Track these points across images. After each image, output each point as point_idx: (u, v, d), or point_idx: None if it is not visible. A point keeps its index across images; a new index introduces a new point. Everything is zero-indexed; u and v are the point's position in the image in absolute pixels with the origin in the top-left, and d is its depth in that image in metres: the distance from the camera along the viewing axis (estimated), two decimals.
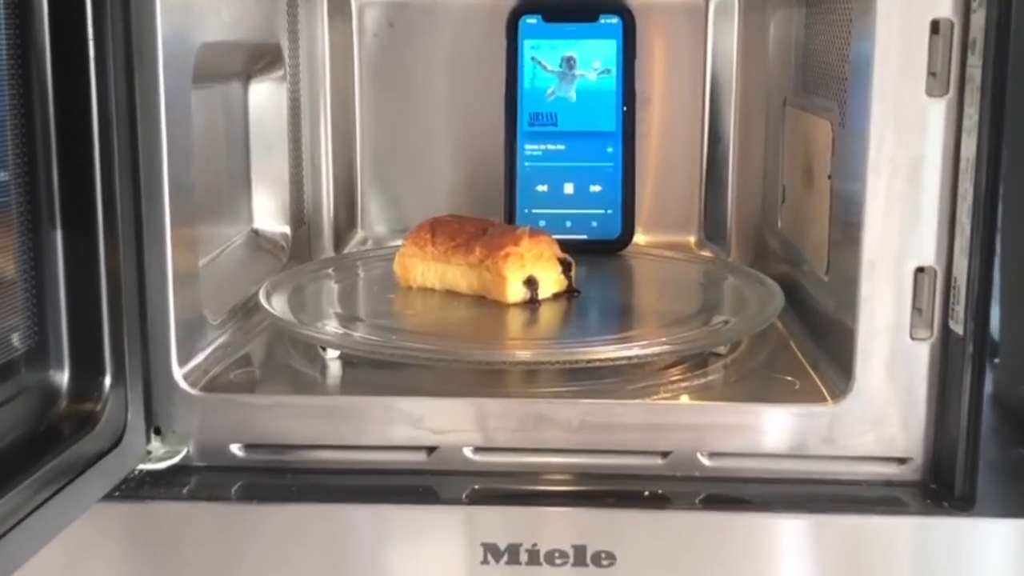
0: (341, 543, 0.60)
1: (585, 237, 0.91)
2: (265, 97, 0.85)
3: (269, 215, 0.87)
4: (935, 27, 0.56)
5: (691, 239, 0.97)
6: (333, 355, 0.68)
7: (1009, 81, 0.54)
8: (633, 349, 0.64)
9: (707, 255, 0.95)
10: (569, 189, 0.91)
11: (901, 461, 0.61)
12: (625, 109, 0.91)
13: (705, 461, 0.61)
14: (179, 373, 0.62)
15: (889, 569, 0.58)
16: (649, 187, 0.96)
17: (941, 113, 0.57)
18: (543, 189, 0.91)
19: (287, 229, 0.87)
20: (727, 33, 0.94)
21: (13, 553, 0.48)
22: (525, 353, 0.66)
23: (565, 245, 0.78)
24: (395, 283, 0.80)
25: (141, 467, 0.61)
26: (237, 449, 0.62)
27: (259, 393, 0.65)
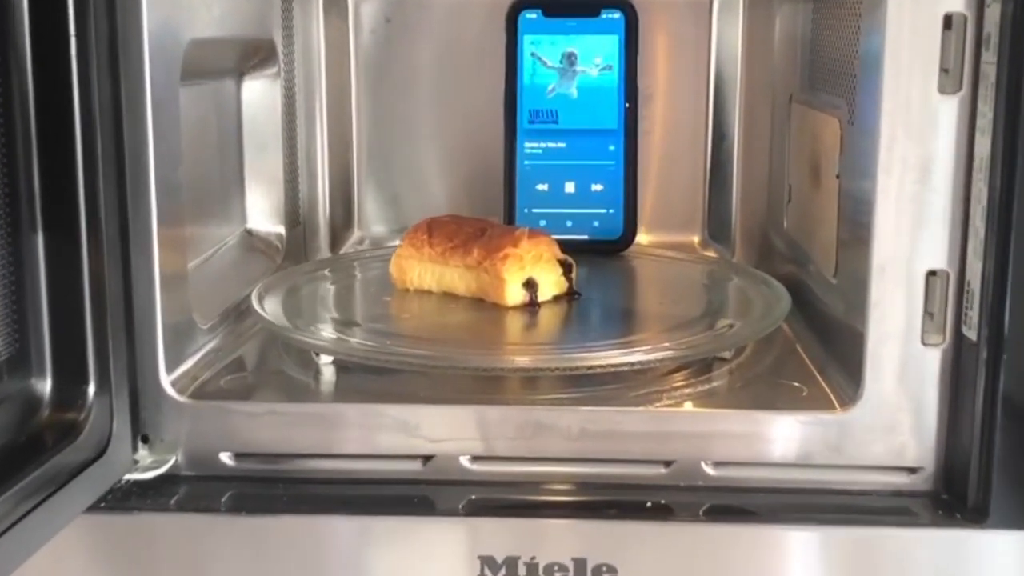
0: (334, 556, 0.59)
1: (586, 237, 0.90)
2: (259, 94, 0.85)
3: (263, 215, 0.86)
4: (948, 22, 0.55)
5: (695, 239, 0.97)
6: (327, 360, 0.67)
7: None
8: (636, 355, 0.63)
9: (711, 255, 0.95)
10: (570, 188, 0.90)
11: (912, 471, 0.60)
12: (627, 106, 0.89)
13: (709, 470, 0.60)
14: (167, 380, 0.61)
15: None
16: (652, 186, 0.95)
17: (954, 111, 0.56)
18: (543, 188, 0.90)
19: (282, 229, 0.87)
20: (732, 28, 0.93)
21: None
22: (524, 359, 0.65)
23: (566, 245, 0.78)
24: (391, 285, 0.79)
25: (128, 477, 0.60)
26: (227, 458, 0.62)
27: (250, 400, 0.64)
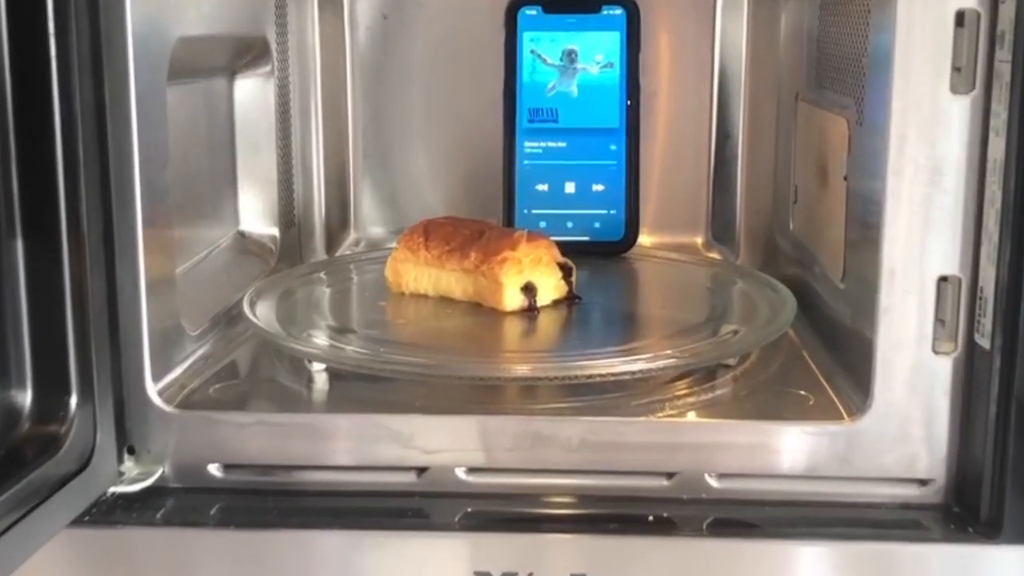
0: (325, 571, 0.57)
1: (587, 238, 0.89)
2: (252, 93, 0.84)
3: (256, 216, 0.85)
4: (960, 19, 0.54)
5: (698, 240, 0.96)
6: (320, 367, 0.65)
7: None
8: (637, 363, 0.62)
9: (715, 257, 0.94)
10: (570, 188, 0.89)
11: (922, 483, 0.59)
12: (629, 104, 0.88)
13: (713, 483, 0.59)
14: (153, 389, 0.60)
15: None
16: (654, 186, 0.94)
17: (966, 111, 0.55)
18: (543, 188, 0.89)
19: (276, 231, 0.86)
20: (736, 23, 0.92)
21: None
22: (522, 368, 0.64)
23: (566, 247, 0.77)
24: (387, 289, 0.78)
25: (113, 490, 0.59)
26: (216, 470, 0.60)
27: (239, 410, 0.62)
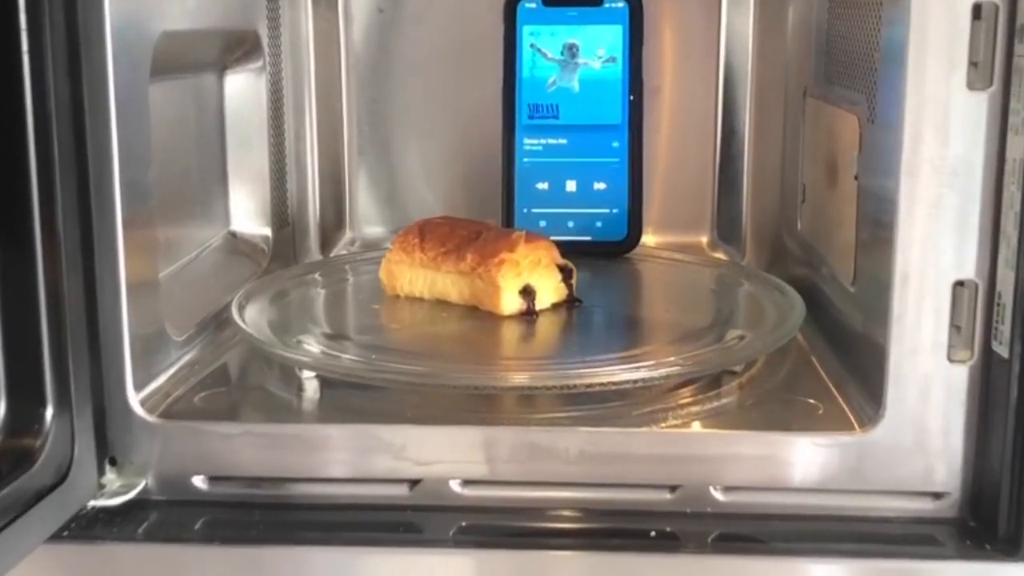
0: None
1: (589, 238, 0.88)
2: (243, 89, 0.82)
3: (248, 216, 0.84)
4: (977, 11, 0.53)
5: (703, 240, 0.95)
6: (310, 375, 0.64)
7: None
8: (640, 371, 0.60)
9: (720, 258, 0.93)
10: (571, 187, 0.88)
11: (937, 496, 0.58)
12: (632, 100, 0.87)
13: (719, 496, 0.58)
14: (135, 398, 0.59)
15: None
16: (658, 184, 0.93)
17: (984, 108, 0.54)
18: (543, 187, 0.88)
19: (268, 231, 0.84)
20: (742, 16, 0.91)
21: None
22: (519, 376, 0.62)
23: (567, 247, 0.76)
24: (381, 291, 0.76)
25: (94, 503, 0.57)
26: (200, 482, 0.59)
27: (226, 420, 0.61)
